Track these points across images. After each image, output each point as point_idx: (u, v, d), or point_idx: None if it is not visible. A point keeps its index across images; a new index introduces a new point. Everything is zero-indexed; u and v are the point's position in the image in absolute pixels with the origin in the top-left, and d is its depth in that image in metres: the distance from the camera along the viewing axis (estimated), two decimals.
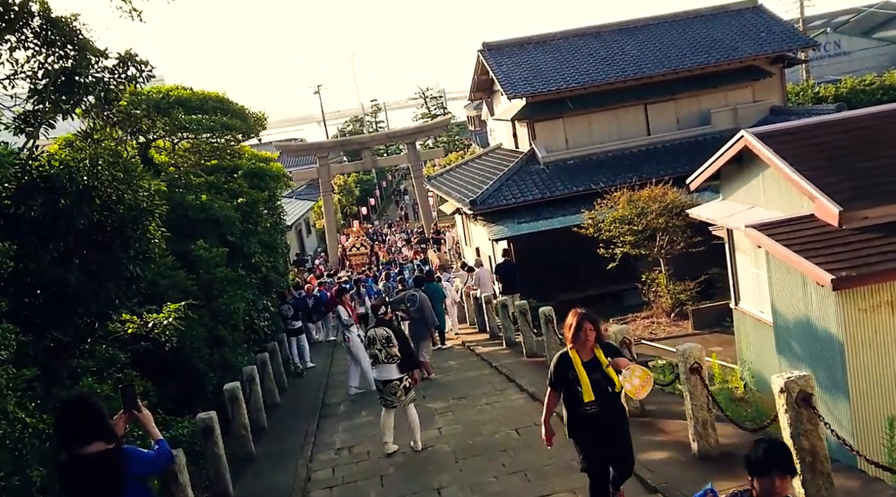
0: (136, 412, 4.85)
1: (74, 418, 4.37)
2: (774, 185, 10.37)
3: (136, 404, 4.87)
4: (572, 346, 6.31)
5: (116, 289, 7.47)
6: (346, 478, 9.41)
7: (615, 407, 6.48)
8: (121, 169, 7.85)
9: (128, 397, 4.86)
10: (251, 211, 16.36)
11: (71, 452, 4.41)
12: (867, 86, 35.45)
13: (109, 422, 4.57)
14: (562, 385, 6.49)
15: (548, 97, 26.00)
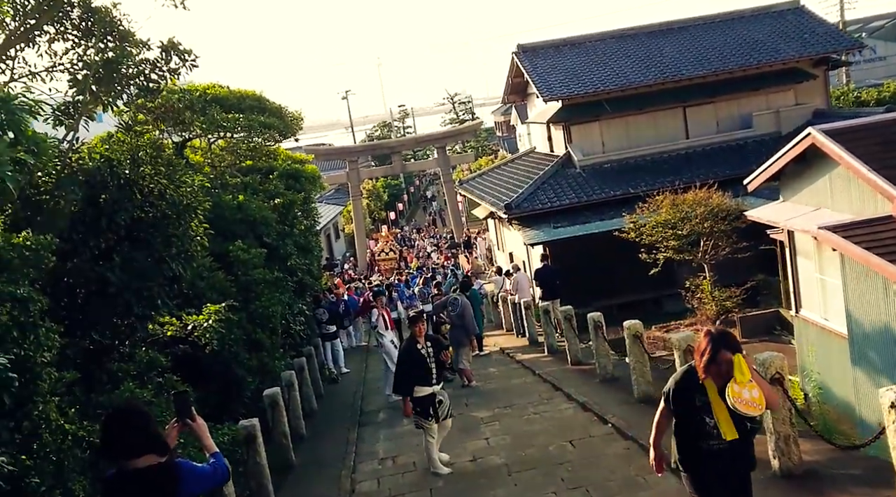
0: (189, 421, 4.41)
1: (123, 429, 3.94)
2: (844, 184, 9.79)
3: (191, 412, 4.43)
4: (705, 377, 5.04)
5: (158, 289, 7.08)
6: (393, 490, 8.94)
7: (749, 445, 5.29)
8: (163, 163, 7.48)
9: (181, 404, 4.42)
10: (287, 212, 16.00)
11: (119, 467, 3.98)
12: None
13: (161, 433, 4.14)
14: (681, 407, 5.34)
15: (584, 100, 25.49)
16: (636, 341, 10.39)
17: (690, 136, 25.83)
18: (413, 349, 9.22)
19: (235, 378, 10.97)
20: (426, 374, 9.09)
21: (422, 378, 9.07)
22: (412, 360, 9.16)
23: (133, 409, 4.07)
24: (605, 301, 21.20)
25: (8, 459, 4.16)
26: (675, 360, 8.77)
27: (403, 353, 9.38)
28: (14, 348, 4.45)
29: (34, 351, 4.71)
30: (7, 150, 3.81)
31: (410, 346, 9.27)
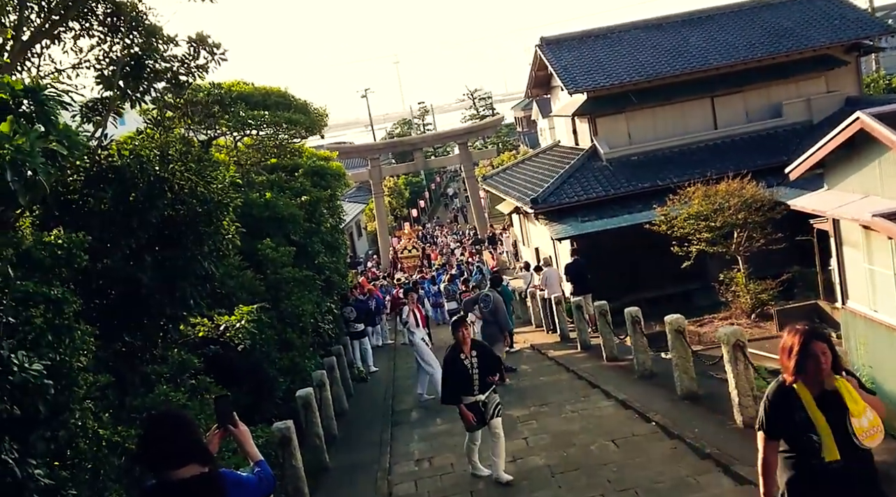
0: (231, 427, 4.17)
1: (164, 437, 3.69)
2: (895, 170, 9.40)
3: (233, 418, 4.19)
4: (795, 379, 4.37)
5: (191, 288, 6.87)
6: (432, 493, 8.70)
7: (868, 460, 4.39)
8: (192, 159, 7.27)
9: (223, 409, 4.18)
10: (314, 210, 15.80)
11: (159, 477, 3.74)
12: None
13: (204, 441, 3.90)
14: (784, 431, 4.47)
15: (610, 91, 25.08)
16: (679, 336, 10.06)
17: (719, 126, 25.33)
18: (456, 360, 8.61)
19: (267, 378, 10.77)
20: (469, 385, 8.55)
21: (464, 389, 8.57)
22: (454, 371, 8.61)
23: (174, 415, 3.82)
24: (632, 296, 20.82)
25: (45, 472, 3.95)
26: (724, 356, 8.44)
27: (446, 363, 8.78)
28: (49, 353, 4.24)
29: (70, 355, 4.50)
30: (38, 141, 3.59)
31: (454, 356, 8.65)
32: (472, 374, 8.51)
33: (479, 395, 8.55)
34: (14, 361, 3.74)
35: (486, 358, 8.67)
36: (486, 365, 8.61)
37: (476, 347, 8.68)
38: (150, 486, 3.80)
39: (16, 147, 3.45)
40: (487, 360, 8.68)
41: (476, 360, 8.55)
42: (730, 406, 9.10)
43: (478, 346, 8.75)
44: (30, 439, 3.94)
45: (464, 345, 8.62)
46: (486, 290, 14.82)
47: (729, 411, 8.97)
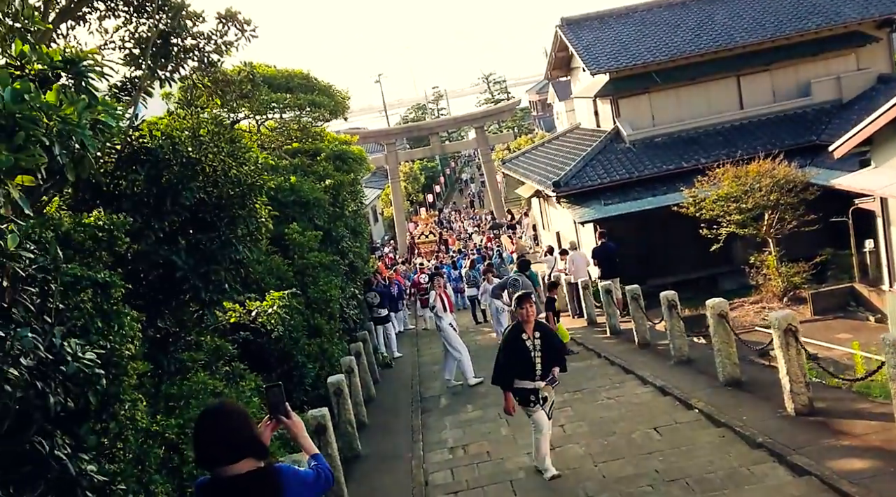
0: (284, 418, 3.92)
1: (219, 432, 3.44)
2: None
3: (285, 408, 3.93)
4: None
5: (225, 272, 6.63)
6: (471, 482, 8.42)
7: None
8: (225, 140, 7.00)
9: (275, 399, 3.91)
10: (337, 194, 15.54)
11: (213, 473, 3.50)
12: None
13: (260, 435, 3.65)
14: None
15: (632, 72, 24.69)
16: (721, 321, 9.75)
17: (745, 106, 24.88)
18: (517, 339, 7.76)
19: (297, 365, 10.55)
20: (529, 369, 7.73)
21: (522, 373, 7.76)
22: (514, 352, 7.76)
23: (228, 408, 3.55)
24: (657, 279, 20.51)
25: (98, 468, 3.70)
26: (775, 341, 8.13)
27: (506, 342, 7.92)
28: (99, 340, 3.99)
29: (120, 343, 4.25)
30: (86, 112, 3.32)
31: (514, 335, 7.82)
32: (533, 358, 7.72)
33: (538, 382, 7.78)
34: (67, 350, 3.49)
35: (550, 341, 7.90)
36: (551, 349, 7.84)
37: (540, 328, 7.88)
38: (204, 483, 3.56)
39: (63, 118, 3.18)
40: (552, 343, 7.93)
41: (539, 342, 7.76)
42: (778, 393, 8.79)
43: (541, 328, 7.94)
44: (80, 433, 3.71)
45: (527, 324, 7.80)
46: (514, 274, 14.52)
47: (777, 399, 8.66)
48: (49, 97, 3.19)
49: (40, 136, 2.98)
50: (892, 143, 10.42)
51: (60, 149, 3.13)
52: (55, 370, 3.38)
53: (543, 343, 7.77)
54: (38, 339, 3.24)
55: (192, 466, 5.50)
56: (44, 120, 3.06)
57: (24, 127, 2.91)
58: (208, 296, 6.40)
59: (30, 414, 3.26)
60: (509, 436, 9.93)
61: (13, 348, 3.08)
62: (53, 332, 3.43)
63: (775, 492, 6.50)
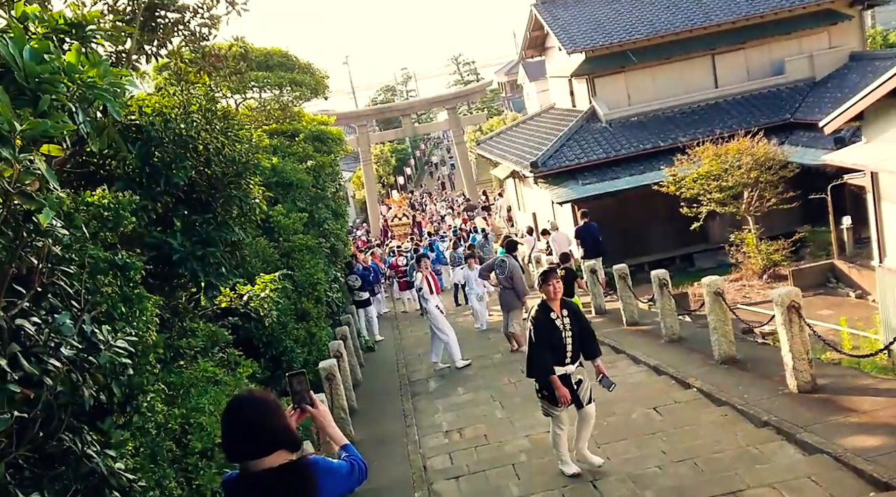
0: (309, 407, 3.69)
1: (249, 423, 3.21)
2: None
3: (310, 397, 3.71)
4: None
5: (222, 255, 6.35)
6: (472, 467, 8.25)
7: None
8: (217, 117, 6.70)
9: (299, 387, 3.69)
10: (318, 175, 15.22)
11: (243, 467, 3.27)
12: None
13: (292, 426, 3.42)
14: None
15: (608, 51, 24.58)
16: (717, 299, 9.67)
17: (720, 84, 24.95)
18: (546, 319, 7.10)
19: (285, 350, 10.29)
20: (561, 352, 7.08)
21: (555, 355, 7.07)
22: (546, 334, 7.08)
23: (258, 397, 3.31)
24: (634, 259, 20.56)
25: (126, 464, 3.44)
26: (777, 318, 8.05)
27: (538, 326, 7.13)
28: (124, 327, 3.71)
29: (143, 329, 3.98)
30: (110, 72, 3.02)
31: (543, 314, 7.14)
32: (564, 338, 7.07)
33: (569, 365, 7.15)
34: (100, 338, 3.21)
35: (579, 319, 7.23)
36: (582, 329, 7.20)
37: (567, 306, 7.22)
38: (233, 478, 3.33)
39: (85, 81, 2.89)
40: (582, 322, 7.26)
41: (568, 321, 7.11)
42: (777, 370, 8.77)
43: (569, 305, 7.26)
44: (104, 428, 3.43)
45: (553, 301, 7.12)
46: (501, 254, 14.35)
47: (777, 376, 8.63)
48: (70, 57, 2.89)
49: (65, 100, 2.71)
50: (883, 119, 10.37)
51: (84, 116, 2.85)
52: (84, 360, 3.11)
53: (573, 321, 7.15)
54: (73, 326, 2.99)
55: (197, 458, 5.26)
56: (66, 82, 2.78)
57: (48, 90, 2.63)
58: (206, 279, 6.13)
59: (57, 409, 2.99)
60: (506, 419, 9.78)
61: (51, 337, 2.82)
62: (83, 318, 3.16)
63: (787, 471, 6.41)
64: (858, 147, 11.03)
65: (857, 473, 6.05)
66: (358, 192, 48.00)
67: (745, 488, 6.26)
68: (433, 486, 7.93)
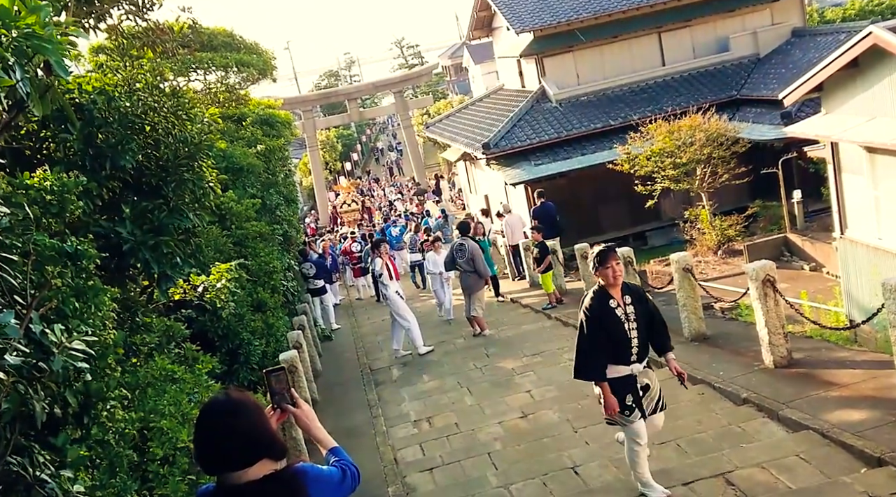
0: (291, 407, 3.32)
1: (228, 430, 2.82)
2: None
3: (291, 396, 3.33)
4: None
5: (175, 243, 5.88)
6: (445, 457, 7.94)
7: None
8: (166, 94, 6.20)
9: (279, 386, 3.31)
10: (268, 160, 14.65)
11: (221, 480, 2.88)
12: (876, 6, 34.14)
13: (276, 431, 3.04)
14: None
15: (557, 30, 24.37)
16: (686, 275, 9.50)
17: (667, 62, 24.98)
18: (604, 308, 5.73)
19: (242, 342, 9.82)
20: (624, 348, 5.77)
21: (616, 355, 5.78)
22: (603, 325, 5.74)
23: (237, 400, 2.90)
24: (588, 238, 20.37)
25: (84, 484, 2.98)
26: (752, 292, 7.90)
27: (591, 315, 5.78)
28: (79, 325, 3.24)
29: (102, 328, 3.52)
30: (54, 26, 2.54)
31: (600, 302, 5.77)
32: (628, 331, 5.74)
33: (634, 363, 5.82)
34: (52, 339, 2.74)
35: (645, 306, 5.89)
36: (649, 318, 5.88)
37: (630, 292, 5.83)
38: (210, 492, 2.93)
39: (22, 30, 2.42)
40: (649, 310, 5.92)
41: (632, 309, 5.76)
42: (749, 346, 8.65)
43: (632, 292, 5.87)
44: (59, 444, 2.97)
45: (613, 287, 5.75)
46: (458, 238, 14.02)
47: (751, 352, 8.51)
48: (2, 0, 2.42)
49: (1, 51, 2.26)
50: (843, 89, 10.32)
51: (22, 72, 2.39)
52: (34, 367, 2.66)
53: (638, 310, 5.78)
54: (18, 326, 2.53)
55: (158, 465, 4.82)
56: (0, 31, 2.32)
57: None
58: (160, 270, 5.66)
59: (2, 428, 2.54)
60: (475, 405, 9.49)
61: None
62: (31, 317, 2.70)
63: (775, 449, 6.25)
64: (819, 118, 10.98)
65: (845, 449, 5.91)
66: (305, 178, 47.14)
67: (734, 469, 6.07)
68: (406, 479, 7.60)
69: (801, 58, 22.64)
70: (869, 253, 10.50)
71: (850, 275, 11.16)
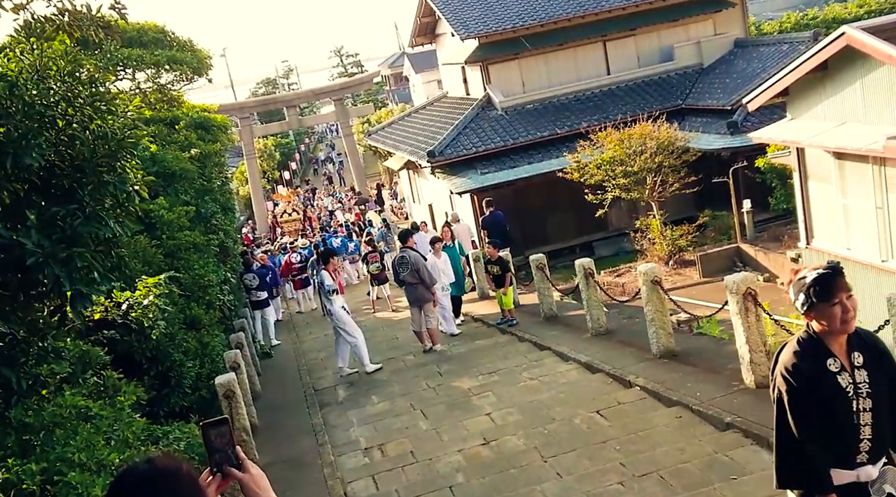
0: (236, 471, 2.53)
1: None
2: (885, 91, 8.56)
3: (237, 456, 2.54)
4: None
5: (93, 256, 5.01)
6: (402, 492, 7.17)
7: None
8: (83, 83, 5.32)
9: (218, 443, 2.52)
10: (204, 166, 13.67)
11: None
12: (810, 20, 34.89)
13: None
14: None
15: (502, 36, 24.04)
16: (655, 288, 8.95)
17: (612, 71, 24.90)
18: (818, 375, 3.54)
19: (173, 364, 8.90)
20: (850, 435, 3.57)
21: (838, 449, 3.59)
22: (817, 401, 3.57)
23: (159, 471, 2.13)
24: (534, 249, 19.97)
25: None
26: (731, 307, 7.36)
27: (793, 383, 3.55)
28: None
29: None
30: None
31: (811, 364, 3.55)
32: (858, 412, 3.54)
33: (866, 464, 3.60)
34: None
35: (887, 368, 3.61)
36: (890, 388, 3.59)
37: (862, 346, 3.58)
38: None
39: None
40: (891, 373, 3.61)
41: (864, 375, 3.55)
42: (726, 363, 8.15)
43: (865, 345, 3.60)
44: None
45: (836, 337, 3.55)
46: (400, 251, 13.23)
47: (727, 370, 7.98)
48: None
49: None
50: (810, 93, 9.96)
51: None
52: None
53: (873, 376, 3.56)
54: None
55: None
56: None
57: None
58: (73, 288, 4.80)
59: None
60: (431, 430, 8.73)
61: None
62: None
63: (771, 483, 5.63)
64: (785, 124, 10.58)
65: None
66: (242, 187, 45.71)
67: None
68: None
69: (745, 68, 22.70)
70: None
71: None
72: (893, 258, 9.10)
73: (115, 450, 4.72)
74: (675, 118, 21.94)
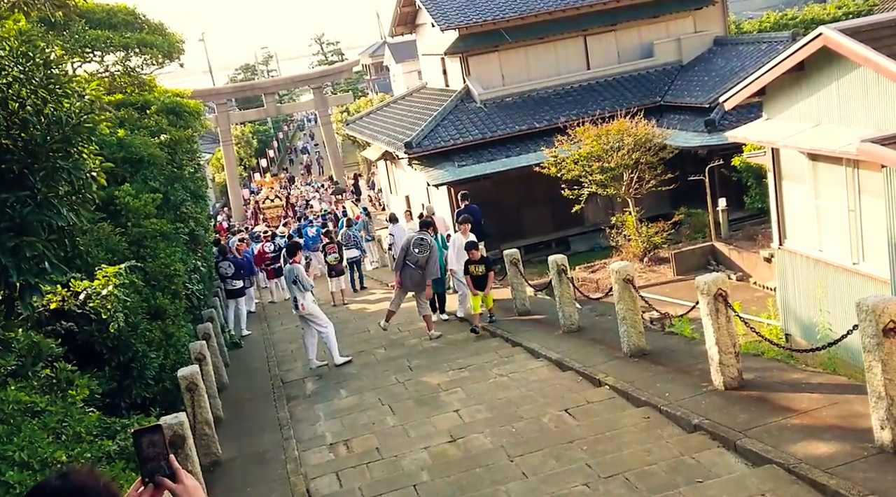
0: (168, 482, 2.39)
1: None
2: (860, 93, 8.52)
3: (170, 465, 2.39)
4: None
5: (45, 245, 4.83)
6: (365, 490, 7.03)
7: None
8: (38, 64, 5.13)
9: (150, 451, 2.38)
10: (174, 152, 13.40)
11: None
12: (790, 20, 35.05)
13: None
14: None
15: (483, 28, 23.87)
16: (627, 286, 8.87)
17: (592, 66, 24.84)
18: None
19: (135, 355, 8.70)
20: None
21: None
22: None
23: (74, 488, 1.99)
24: (510, 243, 19.95)
25: None
26: (702, 307, 7.29)
27: None
28: None
29: None
30: None
31: None
32: None
33: None
34: None
35: None
36: None
37: None
38: None
39: None
40: None
41: None
42: (695, 364, 8.10)
43: None
44: None
45: None
46: (418, 232, 13.04)
47: (696, 370, 7.93)
48: None
49: None
50: (787, 93, 9.91)
51: None
52: None
53: None
54: None
55: None
56: None
57: None
58: (22, 279, 4.61)
59: None
60: (398, 427, 8.60)
61: None
62: None
63: (738, 487, 5.60)
64: (761, 123, 10.53)
65: (817, 489, 5.29)
66: (218, 174, 45.26)
67: None
68: None
69: (724, 66, 22.72)
70: (809, 265, 10.12)
71: (788, 287, 10.77)
72: (864, 261, 9.10)
73: (64, 446, 4.55)
74: (653, 115, 21.95)
